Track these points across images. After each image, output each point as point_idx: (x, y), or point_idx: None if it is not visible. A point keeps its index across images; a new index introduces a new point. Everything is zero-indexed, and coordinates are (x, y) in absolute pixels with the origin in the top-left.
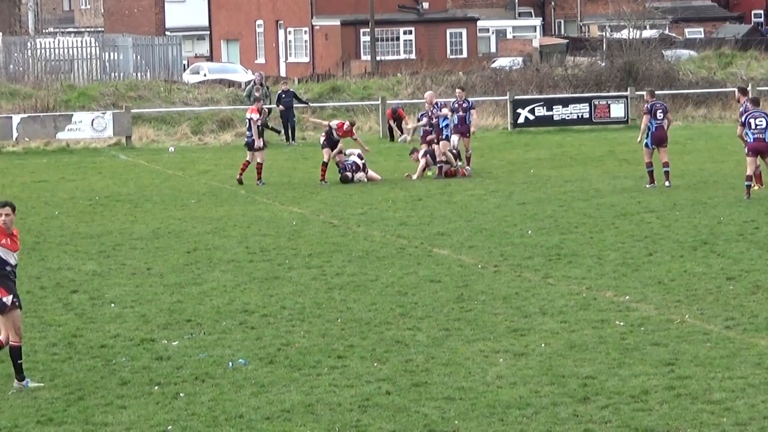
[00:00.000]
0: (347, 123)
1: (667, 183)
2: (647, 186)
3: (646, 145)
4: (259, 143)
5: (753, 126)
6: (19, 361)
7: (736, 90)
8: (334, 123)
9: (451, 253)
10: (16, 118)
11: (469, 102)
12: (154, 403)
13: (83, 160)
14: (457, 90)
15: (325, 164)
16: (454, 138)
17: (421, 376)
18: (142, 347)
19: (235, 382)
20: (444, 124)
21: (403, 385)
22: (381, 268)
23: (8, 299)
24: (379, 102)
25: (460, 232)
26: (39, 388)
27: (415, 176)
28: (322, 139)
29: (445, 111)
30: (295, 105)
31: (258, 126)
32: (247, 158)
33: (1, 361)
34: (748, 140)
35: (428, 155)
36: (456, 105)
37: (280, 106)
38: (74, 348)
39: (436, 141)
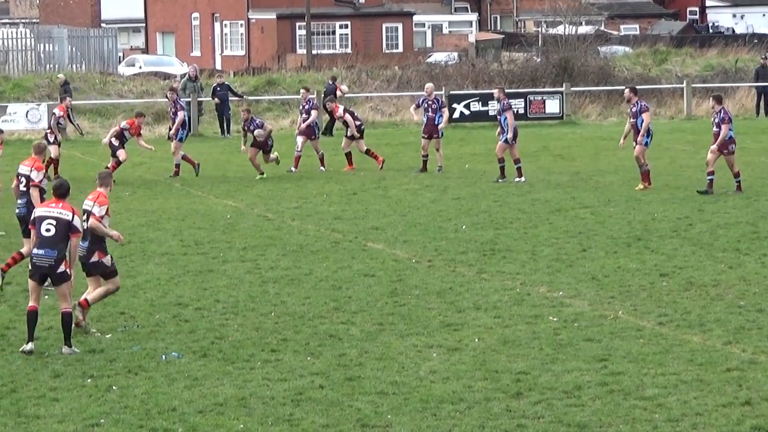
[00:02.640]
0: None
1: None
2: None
3: (647, 144)
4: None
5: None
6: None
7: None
8: (124, 123)
9: (385, 248)
10: None
11: (439, 101)
12: (86, 395)
13: (17, 152)
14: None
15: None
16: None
17: (354, 371)
18: (75, 340)
19: (168, 375)
20: (439, 122)
21: (336, 380)
22: (315, 262)
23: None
24: (314, 96)
25: (395, 226)
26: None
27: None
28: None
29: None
30: (230, 98)
31: (57, 123)
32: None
33: None
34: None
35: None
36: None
37: (215, 99)
38: (6, 340)
39: (426, 136)
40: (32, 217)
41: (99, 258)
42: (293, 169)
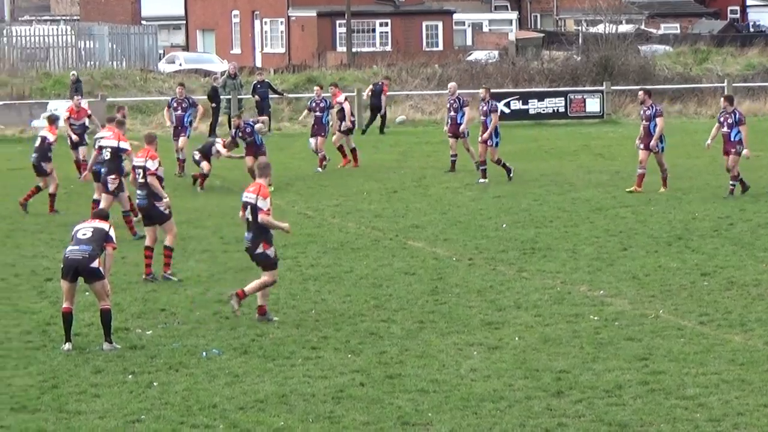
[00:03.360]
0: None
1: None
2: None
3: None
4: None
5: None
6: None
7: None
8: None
9: (425, 246)
10: None
11: (461, 100)
12: (127, 391)
13: (58, 149)
14: (450, 84)
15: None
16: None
17: (394, 368)
18: (116, 336)
19: (208, 372)
20: (461, 121)
21: (376, 377)
22: (355, 259)
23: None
24: (355, 93)
25: (435, 224)
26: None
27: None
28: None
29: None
30: (270, 96)
31: (71, 124)
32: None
33: None
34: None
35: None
36: (313, 104)
37: (256, 97)
38: (48, 336)
39: (451, 135)
40: (72, 233)
41: (264, 249)
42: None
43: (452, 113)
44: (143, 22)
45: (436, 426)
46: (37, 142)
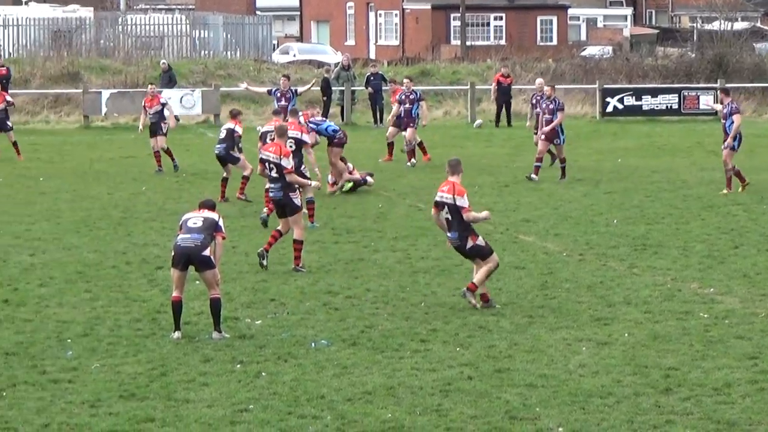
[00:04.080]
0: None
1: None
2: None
3: (734, 148)
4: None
5: None
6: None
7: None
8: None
9: (536, 240)
10: (105, 94)
11: (416, 93)
12: (236, 381)
13: (171, 137)
14: (405, 80)
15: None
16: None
17: (503, 363)
18: (226, 325)
19: (317, 363)
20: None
21: (485, 371)
22: None
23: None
24: (468, 87)
25: (546, 219)
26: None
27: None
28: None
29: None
30: (383, 88)
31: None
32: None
33: (86, 335)
34: None
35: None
36: (403, 96)
37: (369, 89)
38: (158, 324)
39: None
40: (180, 222)
41: (473, 242)
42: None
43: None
44: (258, 13)
45: (544, 420)
46: (223, 134)
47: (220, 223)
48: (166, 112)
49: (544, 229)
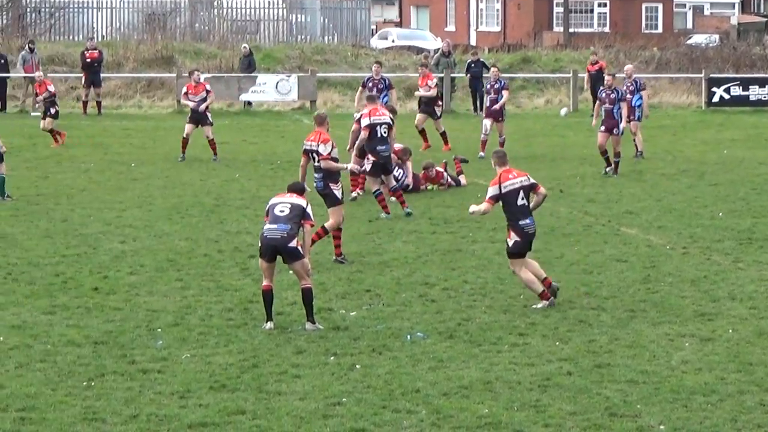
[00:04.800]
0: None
1: None
2: None
3: None
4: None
5: None
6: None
7: None
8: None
9: (639, 233)
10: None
11: (502, 82)
12: (329, 373)
13: (266, 123)
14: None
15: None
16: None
17: (603, 358)
18: (319, 316)
19: (412, 356)
20: (637, 103)
21: (584, 366)
22: (566, 245)
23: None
24: (570, 75)
25: (649, 211)
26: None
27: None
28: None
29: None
30: (484, 75)
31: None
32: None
33: (176, 324)
34: None
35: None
36: (488, 85)
37: (469, 75)
38: (250, 314)
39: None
40: (267, 207)
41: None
42: (482, 153)
43: (628, 95)
44: None
45: (645, 418)
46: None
47: (308, 210)
48: (208, 99)
49: (647, 222)
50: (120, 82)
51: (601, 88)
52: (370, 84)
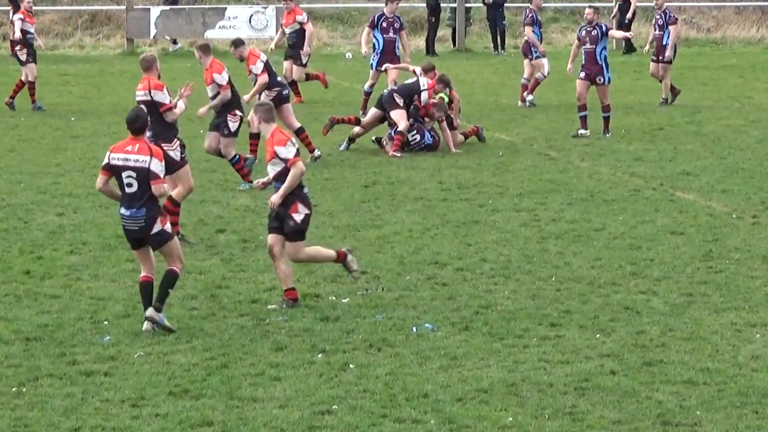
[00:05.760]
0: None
1: None
2: None
3: None
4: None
5: None
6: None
7: None
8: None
9: (698, 199)
10: (154, 11)
11: (668, 14)
12: (316, 375)
13: (237, 67)
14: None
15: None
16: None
17: (654, 353)
18: (304, 304)
19: (419, 353)
20: (667, 42)
21: (631, 364)
22: (609, 214)
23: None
24: (614, 3)
25: (711, 171)
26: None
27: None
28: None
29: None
30: (506, 4)
31: (26, 35)
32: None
33: (127, 316)
34: None
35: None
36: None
37: (486, 4)
38: (218, 302)
39: (656, 58)
40: (107, 162)
41: None
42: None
43: (656, 31)
44: None
45: (706, 426)
46: None
47: (154, 165)
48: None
49: (708, 185)
50: (56, 17)
51: (582, 24)
52: (384, 24)
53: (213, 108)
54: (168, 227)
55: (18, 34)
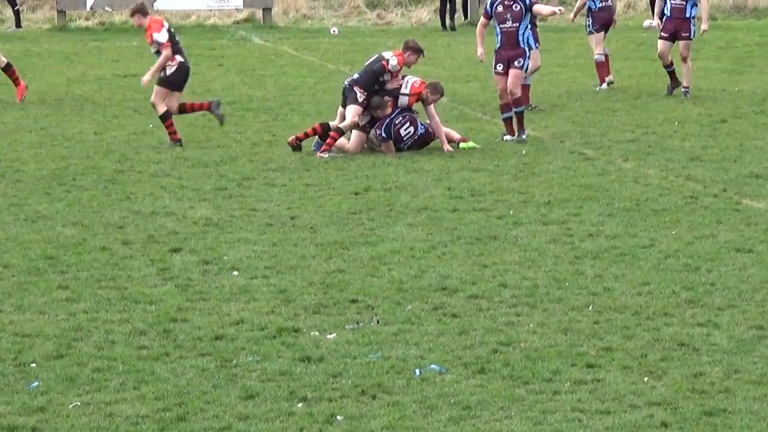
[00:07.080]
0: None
1: None
2: None
3: None
4: None
5: None
6: None
7: None
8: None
9: None
10: None
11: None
12: (295, 429)
13: (195, 44)
14: None
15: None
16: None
17: (717, 401)
18: (279, 341)
19: (422, 401)
20: (692, 14)
21: (688, 414)
22: (659, 227)
23: None
24: None
25: None
26: None
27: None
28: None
29: None
30: None
31: None
32: None
33: (60, 357)
34: None
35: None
36: None
37: None
38: (173, 339)
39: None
40: None
41: None
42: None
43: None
44: None
45: None
46: None
47: None
48: None
49: None
50: None
51: None
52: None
53: (156, 72)
54: None
55: None
